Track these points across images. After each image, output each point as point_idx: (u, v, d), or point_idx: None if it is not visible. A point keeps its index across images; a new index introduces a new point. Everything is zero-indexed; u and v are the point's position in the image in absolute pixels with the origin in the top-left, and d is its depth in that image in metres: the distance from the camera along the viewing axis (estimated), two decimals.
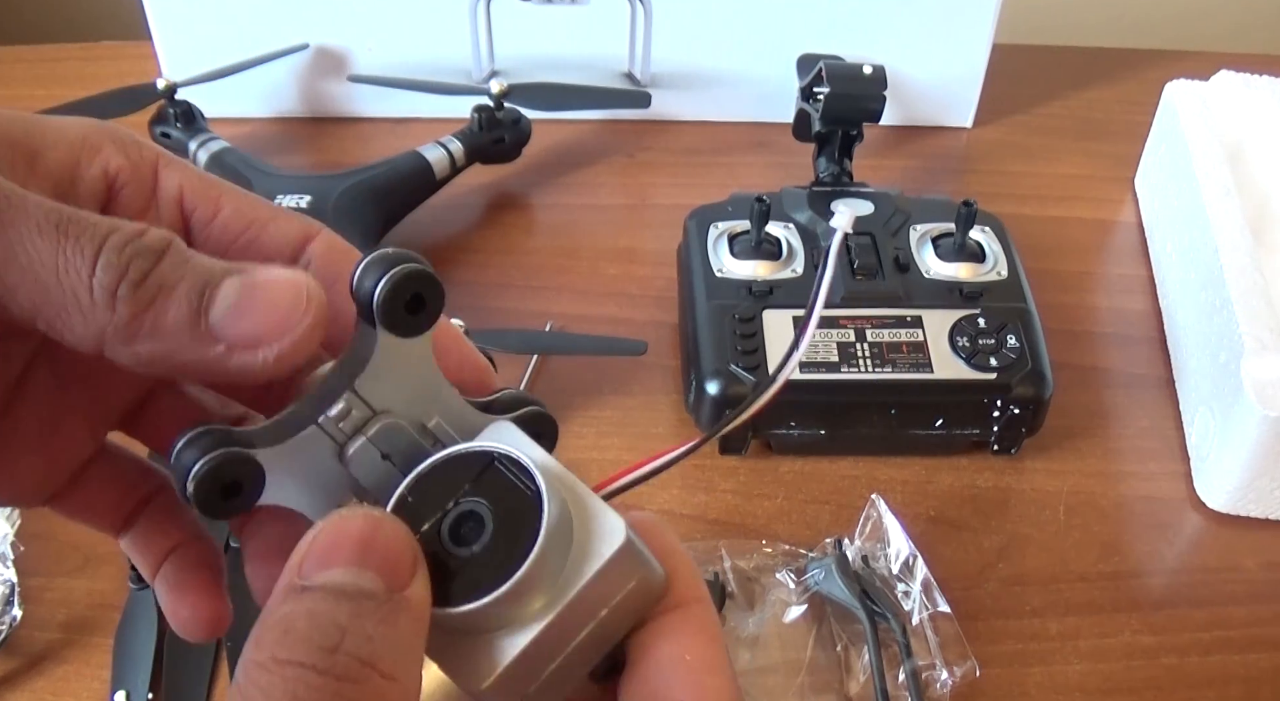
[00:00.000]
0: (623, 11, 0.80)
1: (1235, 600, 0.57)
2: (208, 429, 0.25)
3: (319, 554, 0.23)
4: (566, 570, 0.25)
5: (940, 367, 0.60)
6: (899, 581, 0.55)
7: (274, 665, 0.22)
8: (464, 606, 0.24)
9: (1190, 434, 0.64)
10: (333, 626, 0.22)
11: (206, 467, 0.25)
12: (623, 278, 0.73)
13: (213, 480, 0.25)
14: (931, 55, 0.82)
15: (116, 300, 0.24)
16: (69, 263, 0.24)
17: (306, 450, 0.26)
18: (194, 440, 0.25)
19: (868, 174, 0.73)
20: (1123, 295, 0.74)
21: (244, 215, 0.29)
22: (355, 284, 0.26)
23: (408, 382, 0.27)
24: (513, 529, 0.25)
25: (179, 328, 0.24)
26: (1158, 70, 0.84)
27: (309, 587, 0.23)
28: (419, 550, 0.24)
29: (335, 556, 0.23)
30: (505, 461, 0.26)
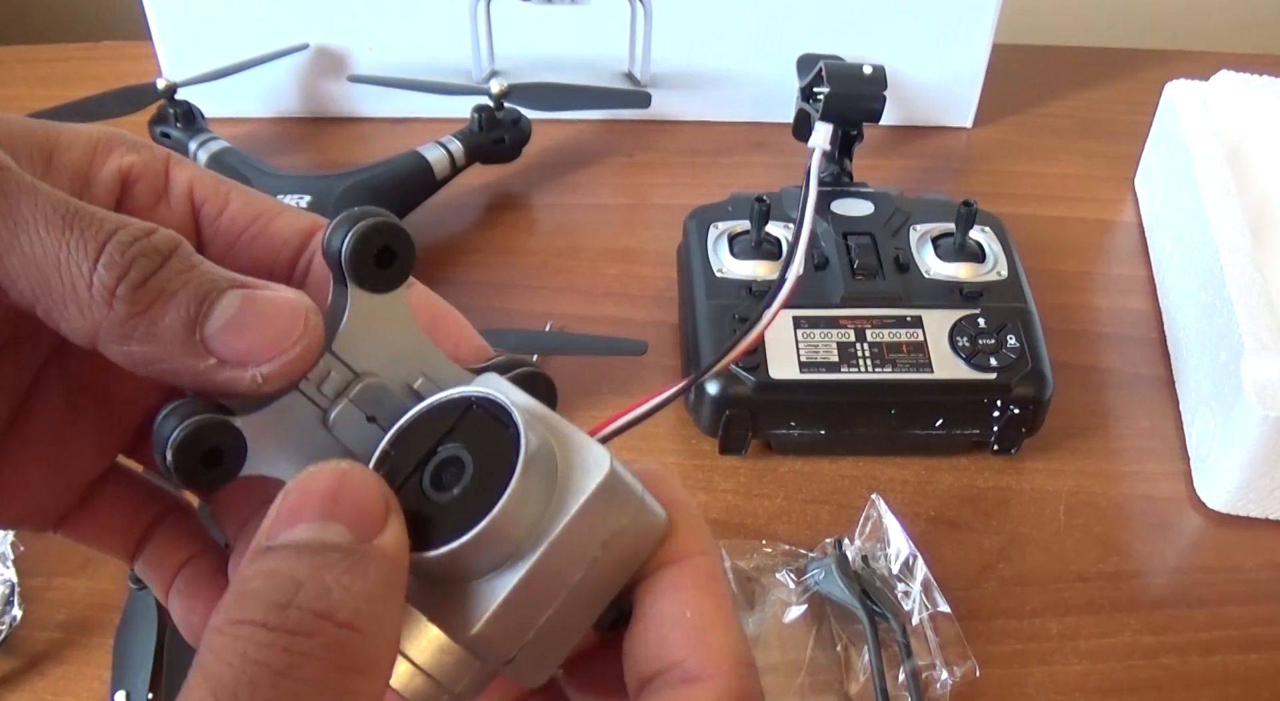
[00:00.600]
0: (623, 11, 0.80)
1: (1235, 600, 0.57)
2: (187, 400, 0.25)
3: (286, 513, 0.23)
4: (551, 507, 0.24)
5: (940, 368, 0.60)
6: (899, 581, 0.55)
7: (227, 626, 0.21)
8: (442, 548, 0.24)
9: (1190, 434, 0.64)
10: (289, 582, 0.22)
11: (185, 433, 0.24)
12: (623, 278, 0.73)
13: (192, 446, 0.24)
14: (931, 55, 0.82)
15: (115, 299, 0.24)
16: (71, 256, 0.24)
17: (288, 416, 0.26)
18: (174, 410, 0.25)
19: (868, 174, 0.73)
20: (1123, 295, 0.74)
21: (252, 209, 0.29)
22: (325, 243, 0.26)
23: (388, 342, 0.26)
24: (492, 469, 0.24)
25: (173, 335, 0.24)
26: (1158, 70, 0.84)
27: (273, 547, 0.22)
28: (392, 497, 0.24)
29: (301, 513, 0.23)
30: (483, 404, 0.25)
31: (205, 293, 0.24)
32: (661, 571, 0.26)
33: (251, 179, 0.72)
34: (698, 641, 0.25)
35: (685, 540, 0.26)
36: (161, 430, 0.24)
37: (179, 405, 0.25)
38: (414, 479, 0.25)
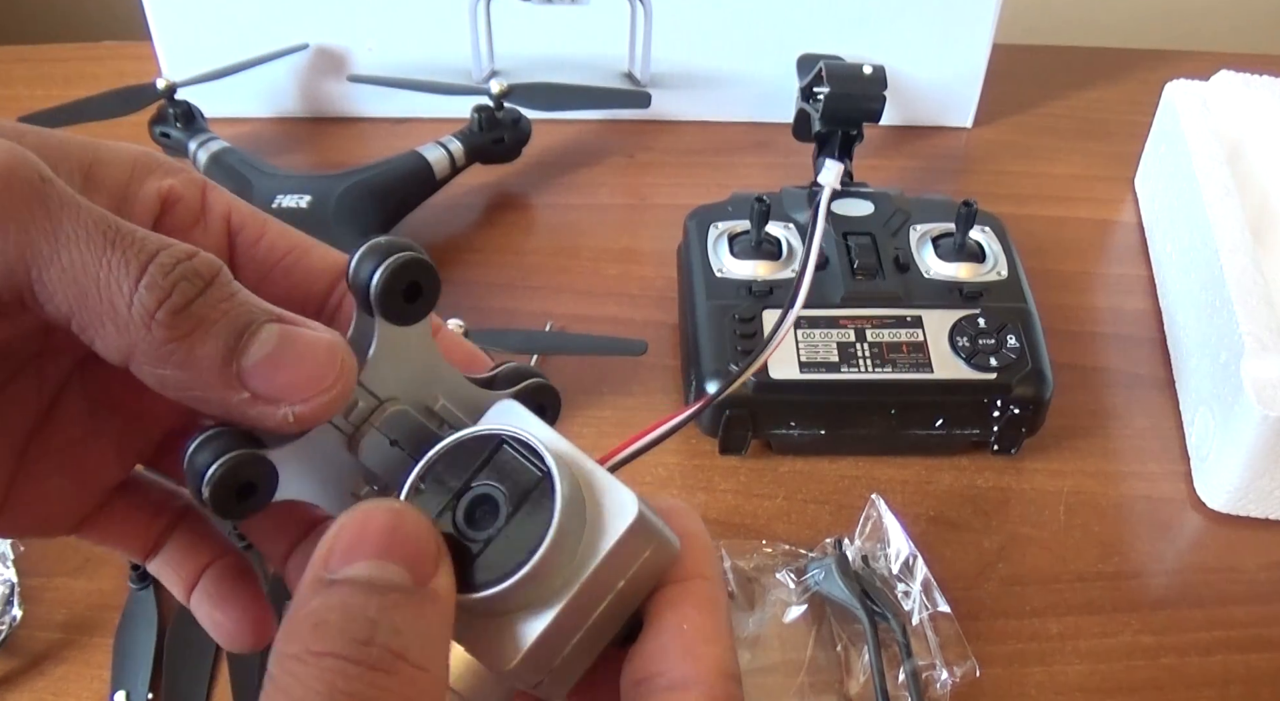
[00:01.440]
0: (623, 11, 0.80)
1: (1235, 600, 0.57)
2: (219, 431, 0.25)
3: (344, 548, 0.23)
4: (582, 547, 0.25)
5: (940, 368, 0.60)
6: (899, 581, 0.55)
7: (310, 657, 0.22)
8: (485, 592, 0.25)
9: (1190, 434, 0.64)
10: (364, 619, 0.22)
11: (221, 471, 0.24)
12: (623, 278, 0.73)
13: (228, 482, 0.25)
14: (931, 55, 0.82)
15: (154, 321, 0.24)
16: (112, 273, 0.23)
17: (317, 445, 0.26)
18: (206, 442, 0.25)
19: (868, 174, 0.73)
20: (1123, 295, 0.74)
21: (287, 240, 0.29)
22: (351, 274, 0.26)
23: (409, 368, 0.27)
24: (526, 510, 0.25)
25: (209, 364, 0.24)
26: (1158, 70, 0.84)
27: (336, 581, 0.23)
28: (441, 540, 0.25)
29: (360, 550, 0.23)
30: (513, 443, 0.26)
31: (244, 324, 0.24)
32: (667, 588, 0.27)
33: (251, 179, 0.72)
34: (690, 652, 0.26)
35: (693, 563, 0.27)
36: (195, 463, 0.25)
37: (211, 436, 0.25)
38: (446, 515, 0.26)
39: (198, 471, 0.25)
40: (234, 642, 0.30)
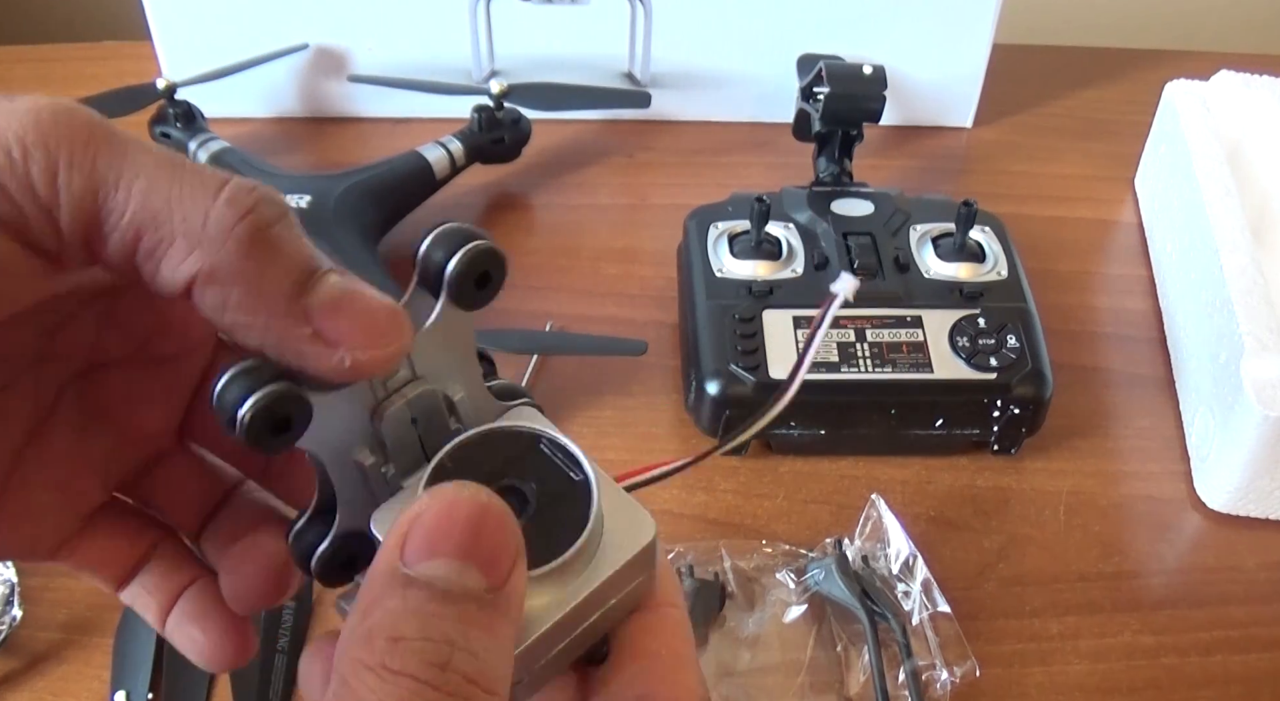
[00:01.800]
0: (623, 11, 0.80)
1: (1235, 600, 0.57)
2: (253, 364, 0.25)
3: (424, 538, 0.23)
4: (597, 558, 0.26)
5: (940, 368, 0.60)
6: (899, 581, 0.55)
7: (387, 674, 0.22)
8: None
9: (1190, 434, 0.64)
10: (443, 640, 0.22)
11: (265, 401, 0.24)
12: (623, 278, 0.73)
13: (269, 414, 0.24)
14: (931, 55, 0.82)
15: (231, 236, 0.23)
16: (185, 192, 0.23)
17: (347, 400, 0.26)
18: (241, 375, 0.24)
19: (868, 174, 0.73)
20: (1123, 295, 0.74)
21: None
22: (422, 255, 0.26)
23: (451, 354, 0.28)
24: (554, 511, 0.26)
25: (278, 292, 0.24)
26: (1158, 70, 0.84)
27: (415, 582, 0.23)
28: (521, 540, 0.24)
29: (442, 544, 0.23)
30: (551, 444, 0.27)
31: (314, 265, 0.24)
32: (643, 615, 0.28)
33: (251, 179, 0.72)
34: (671, 677, 0.27)
35: (664, 592, 0.28)
36: (229, 393, 0.24)
37: (247, 369, 0.24)
38: None
39: (234, 400, 0.24)
40: (214, 662, 0.30)
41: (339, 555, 0.28)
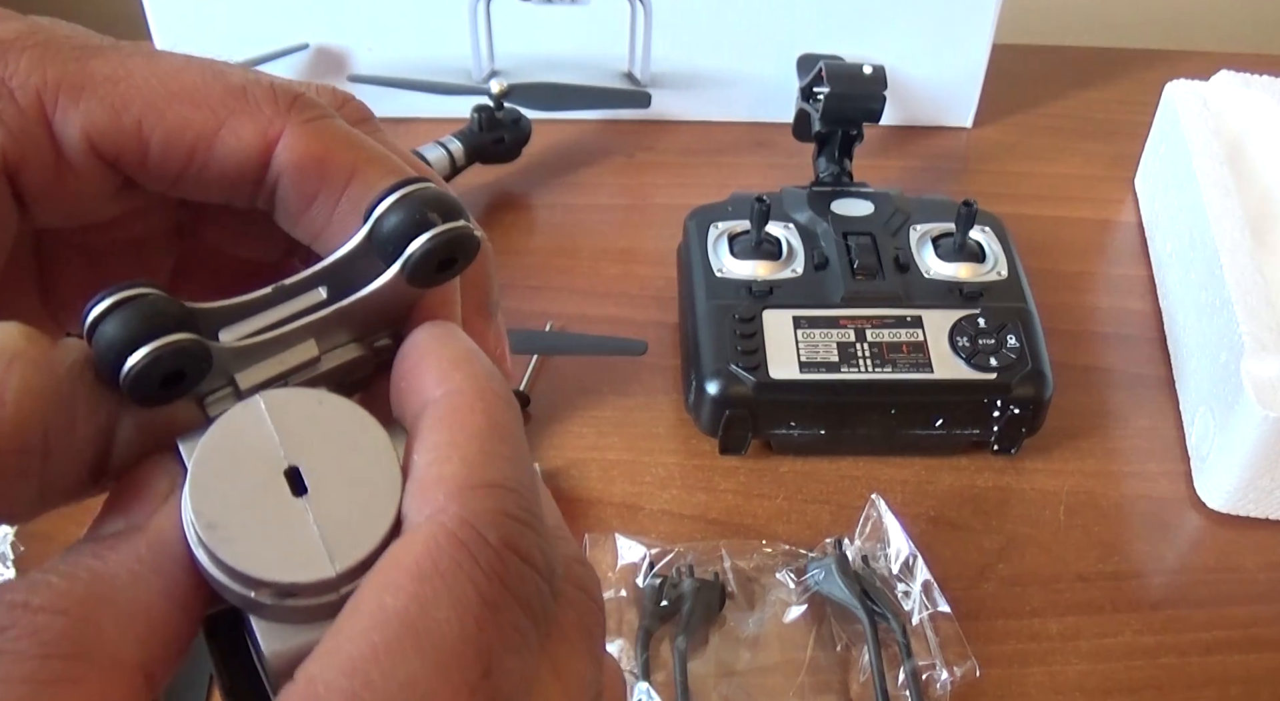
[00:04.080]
0: (623, 11, 0.80)
1: (1235, 600, 0.57)
2: (147, 292, 0.21)
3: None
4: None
5: (940, 368, 0.60)
6: (899, 581, 0.55)
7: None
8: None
9: (1190, 434, 0.64)
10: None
11: (164, 352, 0.20)
12: (623, 278, 0.73)
13: (164, 367, 0.21)
14: (931, 55, 0.82)
15: (293, 109, 0.24)
16: (242, 79, 0.24)
17: (245, 355, 0.23)
18: (122, 306, 0.21)
19: (868, 174, 0.73)
20: (1123, 295, 0.74)
21: (180, 140, 0.23)
22: (377, 221, 0.23)
23: (381, 313, 0.24)
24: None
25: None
26: (1158, 70, 0.84)
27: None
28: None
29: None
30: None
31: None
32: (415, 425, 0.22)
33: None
34: (418, 488, 0.21)
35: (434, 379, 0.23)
36: (115, 328, 0.20)
37: (137, 297, 0.21)
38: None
39: (119, 342, 0.20)
40: None
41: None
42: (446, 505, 0.20)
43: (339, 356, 0.24)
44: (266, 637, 0.21)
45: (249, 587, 0.21)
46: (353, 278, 0.23)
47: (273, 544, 0.21)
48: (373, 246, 0.23)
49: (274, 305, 0.23)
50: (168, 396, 0.21)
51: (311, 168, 0.24)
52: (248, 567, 0.20)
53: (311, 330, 0.23)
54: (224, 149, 0.23)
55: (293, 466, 0.21)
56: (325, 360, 0.24)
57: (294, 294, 0.23)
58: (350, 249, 0.23)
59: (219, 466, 0.21)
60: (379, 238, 0.23)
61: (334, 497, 0.21)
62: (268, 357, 0.23)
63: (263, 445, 0.22)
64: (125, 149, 0.23)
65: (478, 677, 0.19)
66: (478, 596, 0.19)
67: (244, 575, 0.21)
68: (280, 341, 0.23)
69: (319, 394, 0.23)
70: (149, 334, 0.20)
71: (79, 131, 0.23)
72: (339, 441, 0.22)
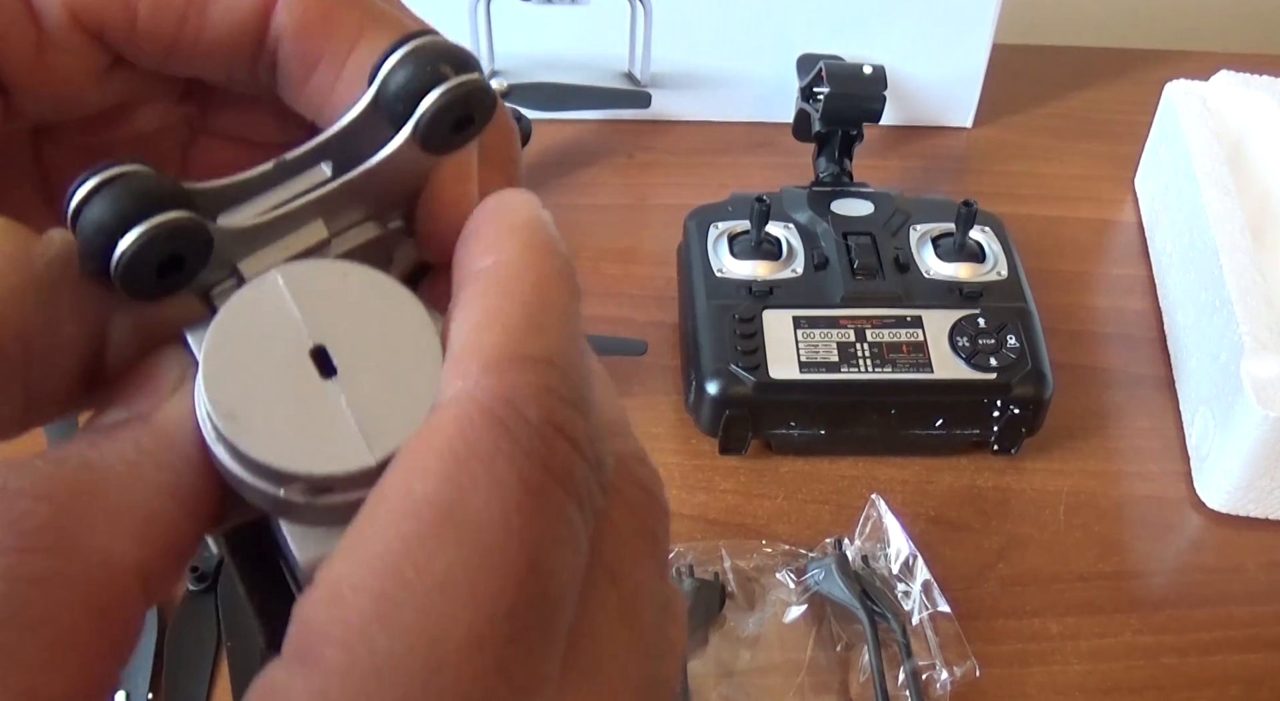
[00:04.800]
0: (623, 11, 0.80)
1: (1235, 600, 0.57)
2: (138, 172, 0.19)
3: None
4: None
5: (940, 368, 0.60)
6: (899, 581, 0.55)
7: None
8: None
9: (1190, 434, 0.64)
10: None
11: (159, 233, 0.18)
12: (623, 278, 0.73)
13: (160, 250, 0.18)
14: (931, 55, 0.82)
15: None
16: None
17: (249, 237, 0.21)
18: (119, 186, 0.18)
19: (868, 174, 0.73)
20: (1123, 295, 0.74)
21: (170, 5, 0.21)
22: (384, 80, 0.21)
23: (395, 189, 0.22)
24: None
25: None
26: (1158, 70, 0.84)
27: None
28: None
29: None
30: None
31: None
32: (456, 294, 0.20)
33: None
34: (449, 364, 0.19)
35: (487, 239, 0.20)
36: (100, 209, 0.18)
37: (126, 175, 0.19)
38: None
39: (103, 228, 0.18)
40: None
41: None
42: (481, 378, 0.17)
43: (352, 238, 0.21)
44: (299, 544, 0.19)
45: (277, 484, 0.18)
46: (361, 149, 0.21)
47: (302, 432, 0.18)
48: (380, 110, 0.21)
49: (276, 184, 0.21)
50: (166, 287, 0.19)
51: (313, 29, 0.21)
52: (275, 460, 0.18)
53: (319, 208, 0.21)
54: (218, 10, 0.21)
55: (319, 345, 0.19)
56: (337, 242, 0.21)
57: (297, 170, 0.21)
58: (356, 114, 0.21)
59: (236, 350, 0.19)
60: (386, 97, 0.20)
61: (368, 377, 0.19)
62: (273, 241, 0.20)
63: (284, 324, 0.19)
64: (110, 15, 0.21)
65: (524, 571, 0.16)
66: (518, 480, 0.17)
67: (271, 469, 0.18)
68: (285, 222, 0.20)
69: (343, 265, 0.20)
70: (140, 213, 0.18)
71: (59, 4, 0.21)
72: (369, 316, 0.19)
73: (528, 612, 0.16)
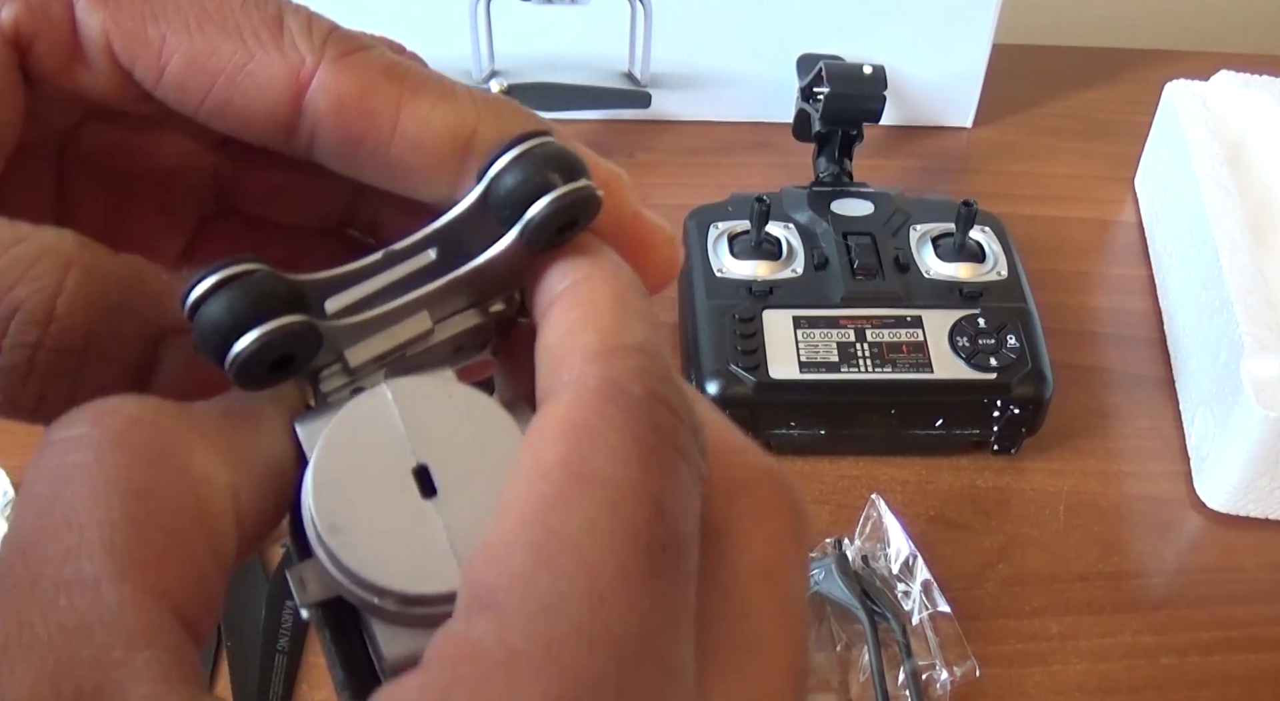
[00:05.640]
0: (623, 11, 0.80)
1: (1235, 600, 0.57)
2: (254, 268, 0.19)
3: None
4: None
5: (940, 368, 0.60)
6: (899, 581, 0.55)
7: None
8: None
9: (1190, 434, 0.64)
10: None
11: (274, 336, 0.19)
12: None
13: (274, 351, 0.19)
14: (931, 55, 0.82)
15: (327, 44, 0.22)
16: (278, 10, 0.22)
17: (356, 332, 0.22)
18: (237, 288, 0.19)
19: (868, 174, 0.73)
20: (1123, 295, 0.74)
21: (202, 68, 0.22)
22: (493, 181, 0.21)
23: (492, 287, 0.22)
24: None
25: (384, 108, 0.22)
26: (1158, 70, 0.84)
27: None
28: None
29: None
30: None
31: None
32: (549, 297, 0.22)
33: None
34: (553, 364, 0.20)
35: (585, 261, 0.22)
36: (219, 308, 0.19)
37: (243, 275, 0.19)
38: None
39: (225, 323, 0.19)
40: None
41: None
42: (585, 368, 0.19)
43: (454, 326, 0.22)
44: (387, 642, 0.20)
45: (372, 594, 0.19)
46: (465, 238, 0.22)
47: (400, 550, 0.19)
48: (488, 207, 0.21)
49: (382, 271, 0.22)
50: (275, 379, 0.20)
51: (351, 112, 0.22)
52: (372, 575, 0.19)
53: (424, 301, 0.22)
54: (251, 86, 0.22)
55: (421, 465, 0.20)
56: (439, 330, 0.22)
57: (403, 258, 0.22)
58: (463, 210, 0.22)
59: (343, 463, 0.20)
60: (494, 199, 0.21)
61: (464, 500, 0.20)
62: (378, 331, 0.21)
63: (390, 440, 0.20)
64: (144, 63, 0.22)
65: (653, 516, 0.18)
66: (633, 441, 0.18)
67: (368, 583, 0.19)
68: (391, 315, 0.21)
69: (448, 384, 0.21)
70: (257, 317, 0.19)
71: (99, 29, 0.22)
72: (469, 438, 0.20)
73: (663, 551, 0.18)
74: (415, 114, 0.22)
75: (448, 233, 0.22)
